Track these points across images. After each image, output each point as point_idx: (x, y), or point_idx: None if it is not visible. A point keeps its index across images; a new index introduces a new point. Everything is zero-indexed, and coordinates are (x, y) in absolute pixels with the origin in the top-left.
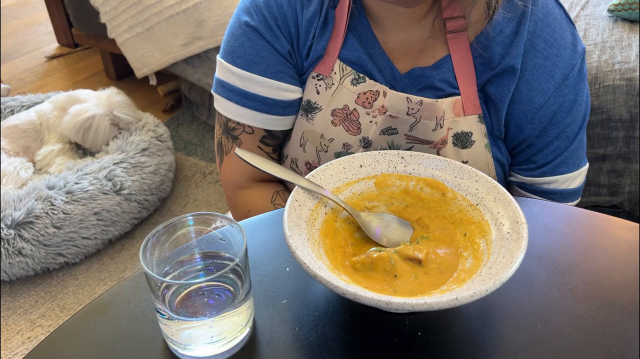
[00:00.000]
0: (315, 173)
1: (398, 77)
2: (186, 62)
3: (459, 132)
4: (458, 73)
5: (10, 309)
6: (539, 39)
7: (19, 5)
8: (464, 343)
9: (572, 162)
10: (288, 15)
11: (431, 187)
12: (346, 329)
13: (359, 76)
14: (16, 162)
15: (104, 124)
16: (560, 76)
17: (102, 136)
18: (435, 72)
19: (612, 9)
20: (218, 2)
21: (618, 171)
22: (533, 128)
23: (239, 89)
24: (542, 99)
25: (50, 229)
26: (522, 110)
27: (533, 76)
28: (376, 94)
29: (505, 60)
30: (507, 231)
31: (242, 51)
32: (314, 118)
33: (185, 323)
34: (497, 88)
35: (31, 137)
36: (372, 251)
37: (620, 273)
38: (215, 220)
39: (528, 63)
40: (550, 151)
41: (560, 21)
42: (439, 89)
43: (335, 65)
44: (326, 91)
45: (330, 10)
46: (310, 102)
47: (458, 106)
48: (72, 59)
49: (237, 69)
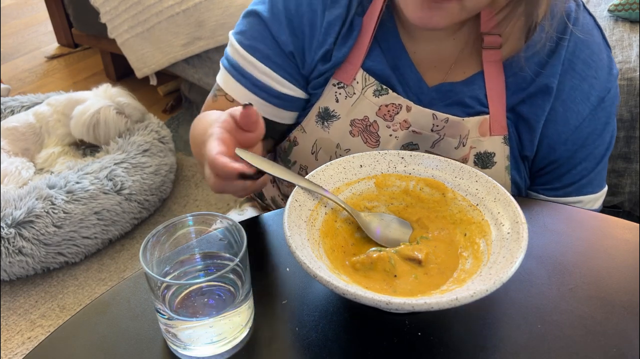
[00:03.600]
0: (315, 173)
1: (425, 90)
2: (186, 62)
3: (482, 152)
4: (489, 91)
5: (10, 309)
6: (578, 59)
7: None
8: (464, 343)
9: (597, 184)
10: (305, 15)
11: (431, 187)
12: (346, 329)
13: (382, 88)
14: (17, 161)
15: (111, 114)
16: (596, 99)
17: (113, 126)
18: (466, 89)
19: (612, 9)
20: (218, 2)
21: (618, 171)
22: (566, 149)
23: (239, 66)
24: (577, 121)
25: (51, 229)
26: (557, 130)
27: (570, 97)
28: (398, 108)
29: (540, 80)
30: (507, 231)
31: (250, 34)
32: (330, 126)
33: (185, 323)
34: (530, 108)
35: (31, 140)
36: (372, 251)
37: (620, 273)
38: (215, 220)
39: (566, 83)
40: (577, 171)
41: (599, 43)
42: (468, 106)
43: (357, 74)
44: (346, 100)
45: (357, 18)
46: (328, 109)
47: (485, 126)
48: (72, 59)
49: (242, 49)
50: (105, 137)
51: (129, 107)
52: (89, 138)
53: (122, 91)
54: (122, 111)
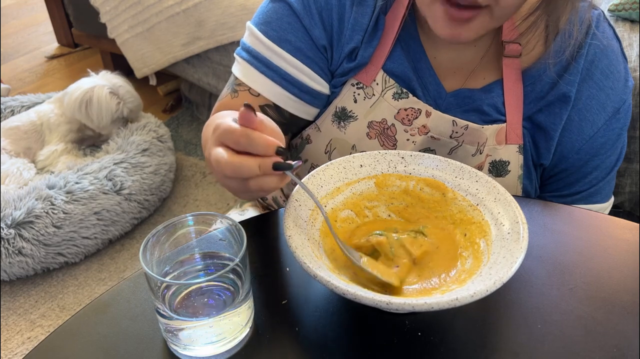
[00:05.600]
0: (315, 173)
1: (443, 95)
2: (186, 62)
3: (497, 161)
4: (507, 100)
5: (10, 309)
6: (596, 69)
7: (19, 5)
8: (464, 343)
9: (605, 194)
10: (334, 9)
11: (431, 187)
12: (346, 329)
13: (402, 91)
14: (19, 162)
15: (104, 93)
16: (611, 109)
17: (105, 106)
18: (485, 96)
19: (612, 9)
20: (218, 2)
21: (618, 171)
22: (578, 158)
23: (264, 57)
24: (591, 130)
25: (51, 229)
26: (570, 139)
27: (586, 106)
28: (417, 112)
29: (558, 88)
30: (508, 231)
31: (277, 25)
32: (347, 127)
33: (185, 323)
34: (548, 116)
35: (32, 139)
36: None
37: (620, 273)
38: (215, 220)
39: (583, 92)
40: (588, 180)
41: (617, 54)
42: (485, 113)
43: (377, 75)
44: (364, 101)
45: (381, 16)
46: (345, 109)
47: (502, 134)
48: (72, 59)
49: (268, 40)
50: (98, 117)
51: (122, 89)
52: (80, 116)
53: (120, 77)
54: (116, 92)
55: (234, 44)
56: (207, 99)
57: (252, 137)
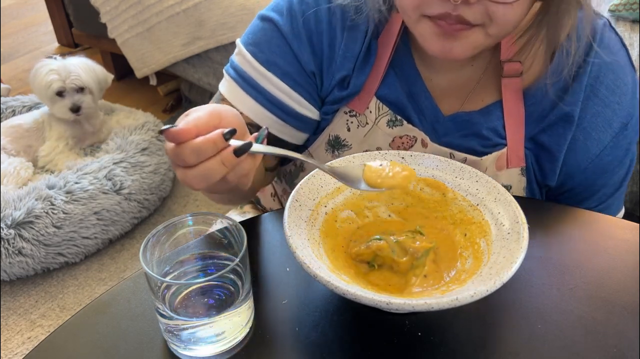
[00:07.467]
0: (315, 173)
1: (441, 120)
2: (186, 62)
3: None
4: (508, 122)
5: (10, 309)
6: (601, 85)
7: (19, 5)
8: (464, 343)
9: (615, 208)
10: (325, 34)
11: (431, 187)
12: (346, 329)
13: (396, 118)
14: (16, 162)
15: (41, 67)
16: (618, 125)
17: (39, 81)
18: (483, 119)
19: (612, 9)
20: (218, 2)
21: None
22: (585, 178)
23: (251, 78)
24: (597, 149)
25: (50, 229)
26: (576, 159)
27: (591, 124)
28: (413, 140)
29: (559, 108)
30: (508, 231)
31: (267, 47)
32: (341, 156)
33: (185, 323)
34: (551, 137)
35: (34, 137)
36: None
37: (620, 273)
38: (215, 220)
39: (588, 110)
40: (596, 198)
41: (624, 66)
42: (485, 137)
43: (371, 103)
44: (358, 129)
45: (373, 41)
46: (338, 138)
47: (502, 159)
48: None
49: (257, 62)
50: (39, 92)
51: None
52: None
53: (82, 57)
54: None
55: (234, 44)
56: (207, 99)
57: (196, 146)
